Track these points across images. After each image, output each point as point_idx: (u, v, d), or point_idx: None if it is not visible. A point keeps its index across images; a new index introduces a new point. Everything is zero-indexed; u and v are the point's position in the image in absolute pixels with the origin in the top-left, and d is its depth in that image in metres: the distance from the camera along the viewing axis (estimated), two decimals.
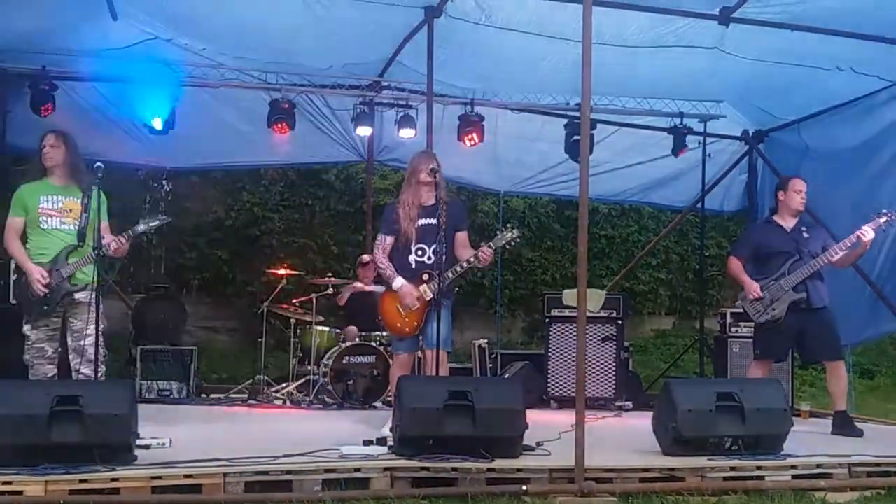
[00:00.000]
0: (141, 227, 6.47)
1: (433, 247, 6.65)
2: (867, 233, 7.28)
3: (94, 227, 6.28)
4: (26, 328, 6.42)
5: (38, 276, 6.27)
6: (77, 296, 6.34)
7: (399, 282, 6.68)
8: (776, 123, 10.43)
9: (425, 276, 6.65)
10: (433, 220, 6.65)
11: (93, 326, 6.22)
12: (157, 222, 6.54)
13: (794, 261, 7.47)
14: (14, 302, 8.26)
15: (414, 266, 6.74)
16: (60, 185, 6.49)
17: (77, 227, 6.38)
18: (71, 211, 6.44)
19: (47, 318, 6.38)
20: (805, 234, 7.61)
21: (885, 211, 7.37)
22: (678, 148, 10.51)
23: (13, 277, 8.43)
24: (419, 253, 6.75)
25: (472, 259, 6.62)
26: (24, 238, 6.49)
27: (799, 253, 7.49)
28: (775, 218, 7.77)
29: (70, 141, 6.60)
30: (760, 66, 8.53)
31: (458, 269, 6.66)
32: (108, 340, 6.76)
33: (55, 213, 6.42)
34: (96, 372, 6.17)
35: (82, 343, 6.29)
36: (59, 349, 6.44)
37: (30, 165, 6.76)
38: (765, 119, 10.51)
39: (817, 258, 7.41)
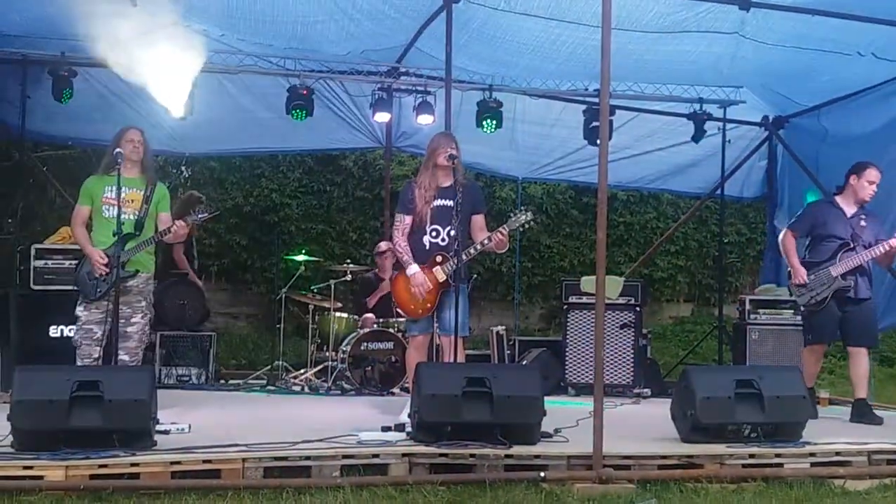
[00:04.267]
0: (201, 216, 6.87)
1: (447, 229, 6.60)
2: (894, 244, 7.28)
3: (153, 217, 6.88)
4: (79, 308, 6.81)
5: (98, 258, 6.68)
6: (130, 282, 6.69)
7: (413, 269, 6.61)
8: (796, 109, 10.36)
9: (439, 258, 6.63)
10: (449, 202, 6.58)
11: (139, 315, 6.81)
12: (206, 214, 6.94)
13: (846, 249, 7.41)
14: (36, 287, 8.39)
15: (428, 247, 6.69)
16: (128, 177, 6.74)
17: (136, 217, 6.78)
18: (133, 201, 6.81)
19: (99, 301, 6.70)
20: (862, 223, 7.50)
21: None
22: (700, 135, 10.46)
23: (36, 263, 8.53)
24: (433, 234, 6.70)
25: (486, 241, 6.57)
26: (89, 227, 6.93)
27: (853, 240, 7.43)
28: (838, 199, 7.63)
29: (146, 138, 7.06)
30: (781, 52, 8.46)
31: (472, 251, 6.62)
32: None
33: (117, 203, 6.62)
34: (116, 356, 6.40)
35: (127, 329, 6.66)
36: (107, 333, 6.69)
37: (98, 157, 7.25)
38: (785, 105, 10.43)
39: (868, 250, 7.35)
